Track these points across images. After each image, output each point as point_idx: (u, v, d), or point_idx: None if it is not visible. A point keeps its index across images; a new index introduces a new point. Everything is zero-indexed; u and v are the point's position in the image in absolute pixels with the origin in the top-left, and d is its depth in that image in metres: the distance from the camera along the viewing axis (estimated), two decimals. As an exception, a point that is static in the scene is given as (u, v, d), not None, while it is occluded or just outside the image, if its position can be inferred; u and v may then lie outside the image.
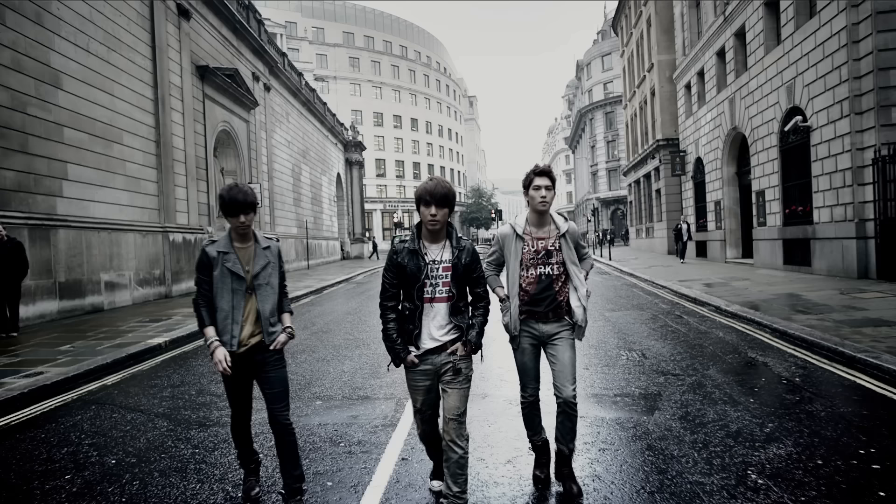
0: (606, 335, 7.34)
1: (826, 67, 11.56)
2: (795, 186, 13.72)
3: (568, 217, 12.11)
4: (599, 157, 61.45)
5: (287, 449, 2.93)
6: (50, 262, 10.02)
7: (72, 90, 10.84)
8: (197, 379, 5.92)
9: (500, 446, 3.65)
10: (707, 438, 3.63)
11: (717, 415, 4.08)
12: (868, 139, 10.54)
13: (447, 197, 2.55)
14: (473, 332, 2.70)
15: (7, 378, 5.81)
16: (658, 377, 5.21)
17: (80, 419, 4.65)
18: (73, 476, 3.44)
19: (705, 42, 19.46)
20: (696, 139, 21.40)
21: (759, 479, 3.01)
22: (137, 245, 12.88)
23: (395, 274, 2.68)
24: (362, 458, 3.53)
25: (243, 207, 2.75)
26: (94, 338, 8.19)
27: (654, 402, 4.46)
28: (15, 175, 9.38)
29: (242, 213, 2.76)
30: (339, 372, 5.84)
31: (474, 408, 4.26)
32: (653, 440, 3.65)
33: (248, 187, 2.82)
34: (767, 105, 14.61)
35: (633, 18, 32.00)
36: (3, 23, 9.18)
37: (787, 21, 13.31)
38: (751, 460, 3.26)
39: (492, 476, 3.21)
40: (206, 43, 17.52)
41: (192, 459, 3.63)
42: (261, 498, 3.05)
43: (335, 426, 4.15)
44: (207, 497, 3.07)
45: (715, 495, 2.85)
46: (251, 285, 2.87)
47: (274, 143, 24.25)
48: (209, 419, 4.48)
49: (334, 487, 3.14)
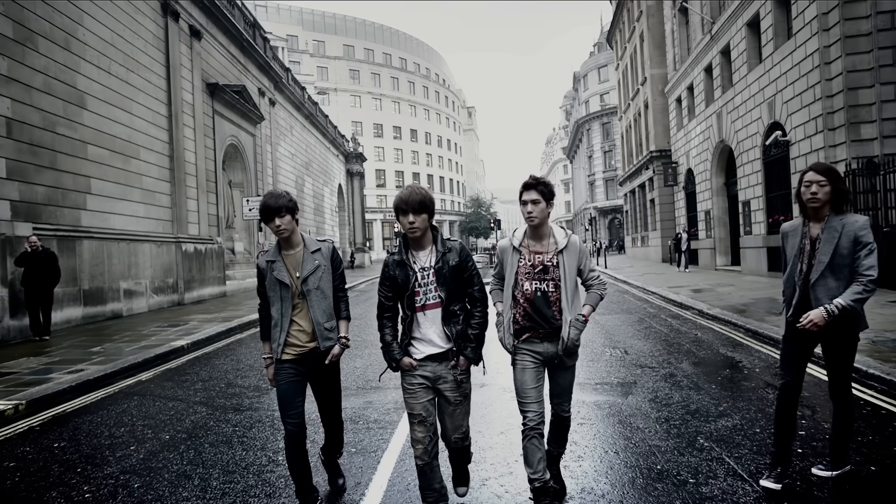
0: (594, 336, 8.01)
1: (802, 86, 12.33)
2: (778, 197, 14.45)
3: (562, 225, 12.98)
4: (596, 166, 62.38)
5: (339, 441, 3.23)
6: (76, 271, 10.69)
7: (95, 110, 11.58)
8: (223, 375, 6.57)
9: (495, 422, 4.31)
10: (669, 415, 4.30)
11: (681, 398, 4.75)
12: (840, 153, 11.28)
13: (423, 203, 2.53)
14: (470, 347, 2.64)
15: (53, 374, 6.47)
16: (636, 369, 5.88)
17: (128, 407, 5.31)
18: (137, 447, 4.10)
19: (694, 58, 20.30)
20: (687, 151, 22.18)
21: (705, 443, 3.68)
22: (153, 255, 13.56)
23: (388, 286, 2.67)
24: (378, 432, 4.19)
25: (276, 211, 2.77)
26: (121, 340, 8.84)
27: (629, 388, 5.13)
28: (45, 190, 10.07)
29: (277, 216, 2.78)
30: (352, 368, 6.49)
31: (475, 394, 4.90)
32: (624, 417, 4.31)
33: (282, 192, 2.86)
34: (751, 120, 15.38)
35: (626, 33, 32.95)
36: (37, 49, 9.92)
37: (768, 41, 14.11)
38: (702, 430, 3.93)
39: (488, 443, 3.88)
40: (216, 61, 18.32)
41: (234, 434, 4.30)
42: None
43: (353, 409, 4.81)
44: (253, 461, 3.73)
45: (667, 453, 3.53)
46: (301, 291, 2.84)
47: (278, 155, 25.02)
48: (242, 405, 5.14)
49: (357, 453, 3.79)
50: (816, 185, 2.81)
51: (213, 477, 3.48)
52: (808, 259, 2.87)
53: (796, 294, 2.92)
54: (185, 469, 3.63)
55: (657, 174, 26.62)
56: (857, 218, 2.77)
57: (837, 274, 2.76)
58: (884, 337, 6.33)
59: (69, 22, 10.82)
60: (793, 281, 2.95)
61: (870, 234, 2.73)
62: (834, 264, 2.76)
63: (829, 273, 2.78)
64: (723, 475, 3.18)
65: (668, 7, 23.61)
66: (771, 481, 2.89)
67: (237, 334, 9.82)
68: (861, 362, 5.20)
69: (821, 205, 2.83)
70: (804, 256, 2.88)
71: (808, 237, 2.90)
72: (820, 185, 2.80)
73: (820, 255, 2.81)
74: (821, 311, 2.71)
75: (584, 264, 2.85)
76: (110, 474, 3.60)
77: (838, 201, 2.82)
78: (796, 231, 2.96)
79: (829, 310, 2.70)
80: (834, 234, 2.77)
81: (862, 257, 2.70)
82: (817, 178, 2.81)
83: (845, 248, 2.73)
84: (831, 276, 2.77)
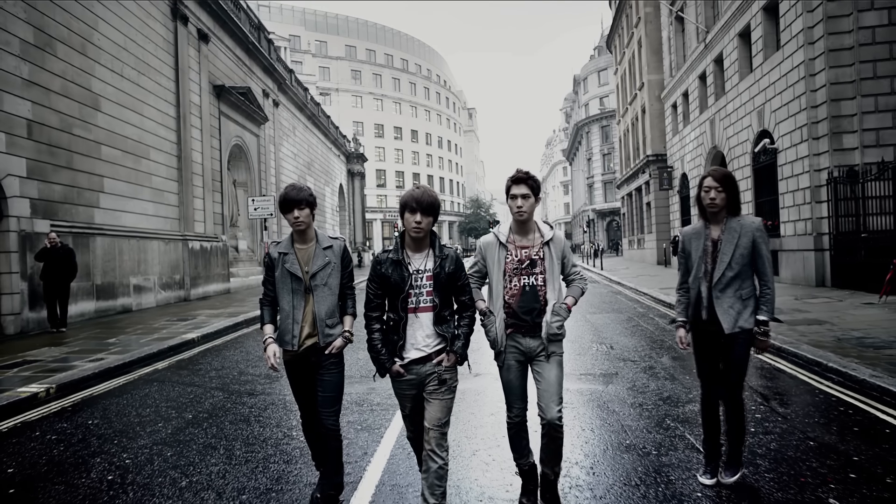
0: (584, 332, 8.48)
1: (789, 96, 12.82)
2: (766, 202, 14.94)
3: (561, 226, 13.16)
4: (595, 169, 62.88)
5: (330, 455, 2.98)
6: (89, 267, 11.15)
7: (108, 112, 12.04)
8: (235, 364, 7.04)
9: (486, 406, 4.78)
10: (644, 401, 4.77)
11: (657, 387, 5.22)
12: (823, 162, 11.77)
13: (433, 206, 2.55)
14: (459, 344, 2.65)
15: (76, 362, 6.93)
16: (619, 363, 6.35)
17: (149, 391, 5.77)
18: (164, 424, 4.57)
19: (689, 66, 20.79)
20: (682, 156, 22.68)
21: (671, 423, 4.15)
22: (161, 252, 14.01)
23: (379, 284, 2.66)
24: (382, 413, 4.65)
25: (297, 203, 2.83)
26: (134, 333, 9.29)
27: (610, 379, 5.60)
28: (62, 188, 10.53)
29: (297, 207, 2.83)
30: (355, 359, 6.94)
31: (469, 382, 5.39)
32: (602, 402, 4.78)
33: (303, 185, 2.92)
34: (742, 127, 15.87)
35: (625, 38, 33.45)
36: (55, 55, 10.38)
37: (758, 52, 14.60)
38: (671, 413, 4.40)
39: (479, 422, 4.34)
40: (222, 63, 18.79)
41: (251, 414, 4.76)
42: None
43: (357, 394, 5.28)
44: (270, 435, 4.19)
45: (637, 431, 4.00)
46: (309, 286, 2.90)
47: (281, 155, 25.49)
48: (256, 391, 5.61)
49: (362, 430, 4.26)
50: (714, 191, 2.98)
51: (236, 448, 3.94)
52: (711, 259, 3.05)
53: (703, 292, 3.06)
54: (211, 441, 4.09)
55: (653, 178, 27.11)
56: (753, 219, 3.06)
57: (737, 270, 2.97)
58: (850, 335, 6.80)
59: (86, 27, 11.29)
60: (698, 281, 3.09)
61: (765, 235, 2.99)
62: (734, 262, 2.97)
63: (731, 271, 2.98)
64: (682, 448, 3.65)
65: (665, 15, 24.11)
66: (707, 477, 3.13)
67: (243, 329, 10.28)
68: (822, 356, 5.68)
69: (718, 209, 3.01)
70: (707, 257, 3.06)
71: (710, 239, 3.07)
72: (717, 191, 2.97)
73: (722, 254, 2.99)
74: (763, 339, 2.99)
75: (566, 258, 2.89)
76: (144, 445, 4.07)
77: (734, 205, 3.01)
78: (699, 234, 3.12)
79: (763, 330, 2.98)
80: (734, 234, 2.98)
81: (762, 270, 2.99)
82: (714, 184, 2.98)
83: (745, 247, 2.96)
84: (732, 273, 2.98)
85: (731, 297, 2.99)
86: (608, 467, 3.41)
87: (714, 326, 3.04)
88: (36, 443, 4.24)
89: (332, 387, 2.92)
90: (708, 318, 3.05)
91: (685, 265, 3.19)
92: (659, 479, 3.21)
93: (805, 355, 5.93)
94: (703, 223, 3.12)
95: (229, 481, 3.38)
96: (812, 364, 5.69)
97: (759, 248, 2.96)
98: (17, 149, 9.43)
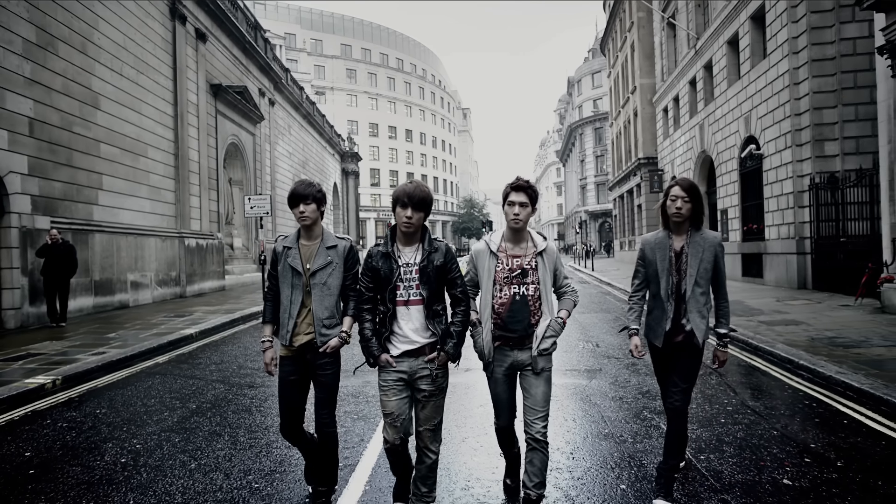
0: (571, 331, 8.77)
1: (774, 103, 13.19)
2: (752, 206, 15.32)
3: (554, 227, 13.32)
4: (588, 171, 63.35)
5: (325, 455, 3.02)
6: (88, 263, 11.32)
7: (107, 110, 12.21)
8: (234, 359, 7.27)
9: (475, 398, 5.05)
10: (624, 394, 5.07)
11: (637, 382, 5.52)
12: (806, 168, 12.15)
13: (424, 201, 2.57)
14: (450, 343, 2.65)
15: (78, 356, 7.13)
16: (604, 359, 6.65)
17: (153, 383, 6.00)
18: (170, 413, 4.80)
19: (680, 71, 21.18)
20: (672, 159, 23.07)
21: (648, 415, 4.45)
22: (157, 249, 14.18)
23: (370, 277, 2.70)
24: (376, 405, 4.91)
25: (303, 198, 2.84)
26: (133, 328, 9.49)
27: (594, 374, 5.89)
28: (62, 185, 10.70)
29: (303, 202, 2.84)
30: (350, 355, 7.17)
31: (459, 377, 5.66)
32: (585, 395, 5.07)
33: (313, 182, 2.92)
34: (730, 133, 16.25)
35: (619, 42, 33.87)
36: (57, 53, 10.55)
37: (745, 60, 14.97)
38: (649, 406, 4.69)
39: (469, 413, 4.62)
40: (219, 62, 18.95)
41: (252, 405, 5.01)
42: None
43: (353, 387, 5.53)
44: (272, 423, 4.44)
45: (616, 421, 4.29)
46: (308, 283, 2.90)
47: (277, 154, 25.65)
48: (256, 383, 5.85)
49: (358, 419, 4.52)
50: (682, 201, 2.89)
51: (240, 435, 4.20)
52: (675, 271, 2.97)
53: (671, 306, 2.97)
54: (215, 429, 4.34)
55: (644, 180, 27.52)
56: (714, 234, 3.02)
57: (702, 285, 2.96)
58: (823, 335, 7.14)
59: (86, 27, 11.45)
60: (666, 293, 2.98)
61: (723, 251, 3.00)
62: (699, 277, 2.93)
63: (696, 286, 2.94)
64: (656, 436, 3.94)
65: (658, 20, 24.49)
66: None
67: (240, 325, 10.49)
68: (793, 354, 6.01)
69: (683, 220, 2.93)
70: (672, 269, 2.97)
71: (672, 249, 2.99)
72: (685, 201, 2.89)
73: (689, 268, 2.93)
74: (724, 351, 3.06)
75: (558, 270, 2.87)
76: (152, 432, 4.31)
77: (697, 217, 2.95)
78: (662, 244, 3.01)
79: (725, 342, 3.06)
80: (699, 248, 2.93)
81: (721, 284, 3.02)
82: (681, 193, 2.90)
83: (708, 261, 2.93)
84: (698, 287, 2.94)
85: (695, 311, 2.95)
86: (587, 453, 3.70)
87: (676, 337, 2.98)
88: (48, 430, 4.46)
89: (328, 389, 2.94)
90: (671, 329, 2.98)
91: (644, 273, 3.11)
92: (633, 463, 3.50)
93: (779, 353, 6.26)
94: (666, 233, 3.03)
95: (235, 464, 3.63)
96: (785, 362, 6.02)
97: (719, 263, 2.97)
98: (18, 146, 9.60)
